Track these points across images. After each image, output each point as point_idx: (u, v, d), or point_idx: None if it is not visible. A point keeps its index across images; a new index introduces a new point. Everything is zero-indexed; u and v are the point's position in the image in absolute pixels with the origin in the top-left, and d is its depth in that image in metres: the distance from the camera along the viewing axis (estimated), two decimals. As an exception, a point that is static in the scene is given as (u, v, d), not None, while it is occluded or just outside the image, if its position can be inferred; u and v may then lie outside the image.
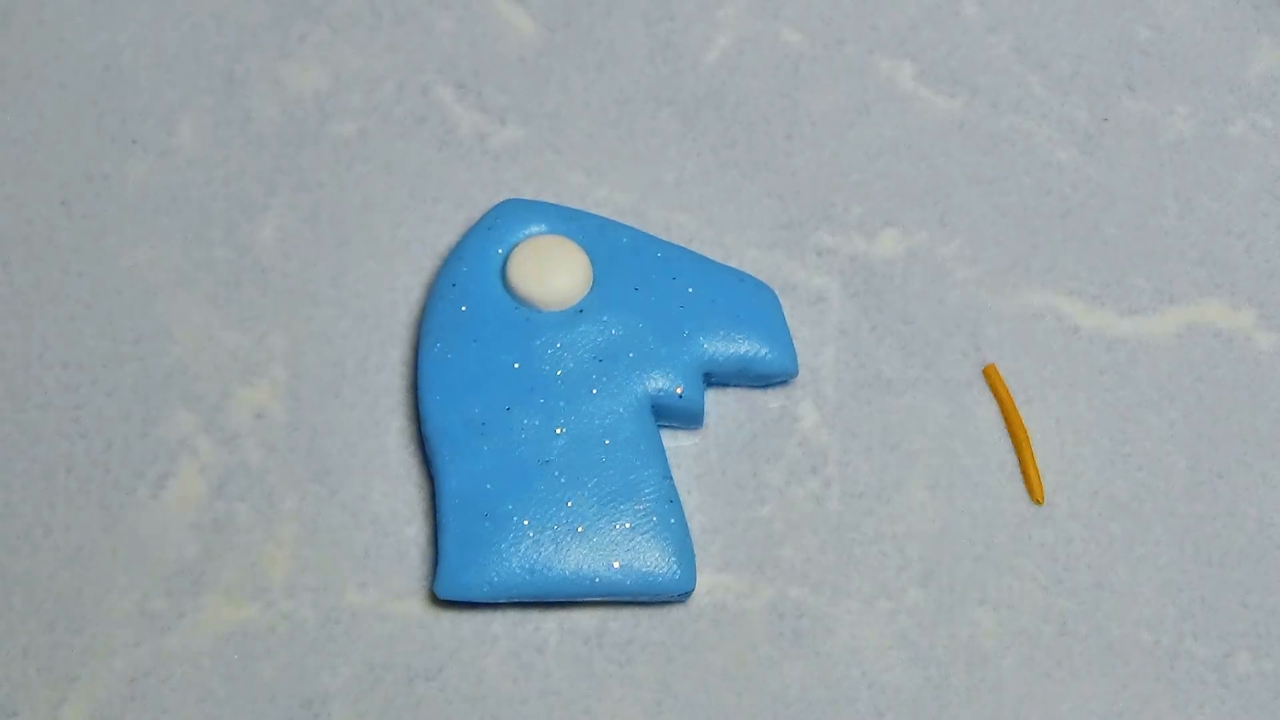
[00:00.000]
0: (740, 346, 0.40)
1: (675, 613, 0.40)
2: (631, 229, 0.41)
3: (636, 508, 0.39)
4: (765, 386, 0.41)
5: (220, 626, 0.40)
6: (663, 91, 0.44)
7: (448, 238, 0.42)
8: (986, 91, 0.44)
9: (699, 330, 0.40)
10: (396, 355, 0.42)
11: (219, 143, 0.43)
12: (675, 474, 0.40)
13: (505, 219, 0.41)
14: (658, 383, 0.40)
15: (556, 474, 0.39)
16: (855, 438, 0.41)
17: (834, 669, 0.39)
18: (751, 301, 0.41)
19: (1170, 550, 0.40)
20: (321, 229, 0.43)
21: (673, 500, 0.39)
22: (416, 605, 0.40)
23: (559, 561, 0.38)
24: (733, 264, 0.42)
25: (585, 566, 0.38)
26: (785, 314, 0.41)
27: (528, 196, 0.42)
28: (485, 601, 0.39)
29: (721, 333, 0.40)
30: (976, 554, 0.40)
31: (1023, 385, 0.41)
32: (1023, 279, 0.42)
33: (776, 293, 0.41)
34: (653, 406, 0.40)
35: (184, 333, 0.42)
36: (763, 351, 0.40)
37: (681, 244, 0.42)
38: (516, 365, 0.39)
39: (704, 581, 0.40)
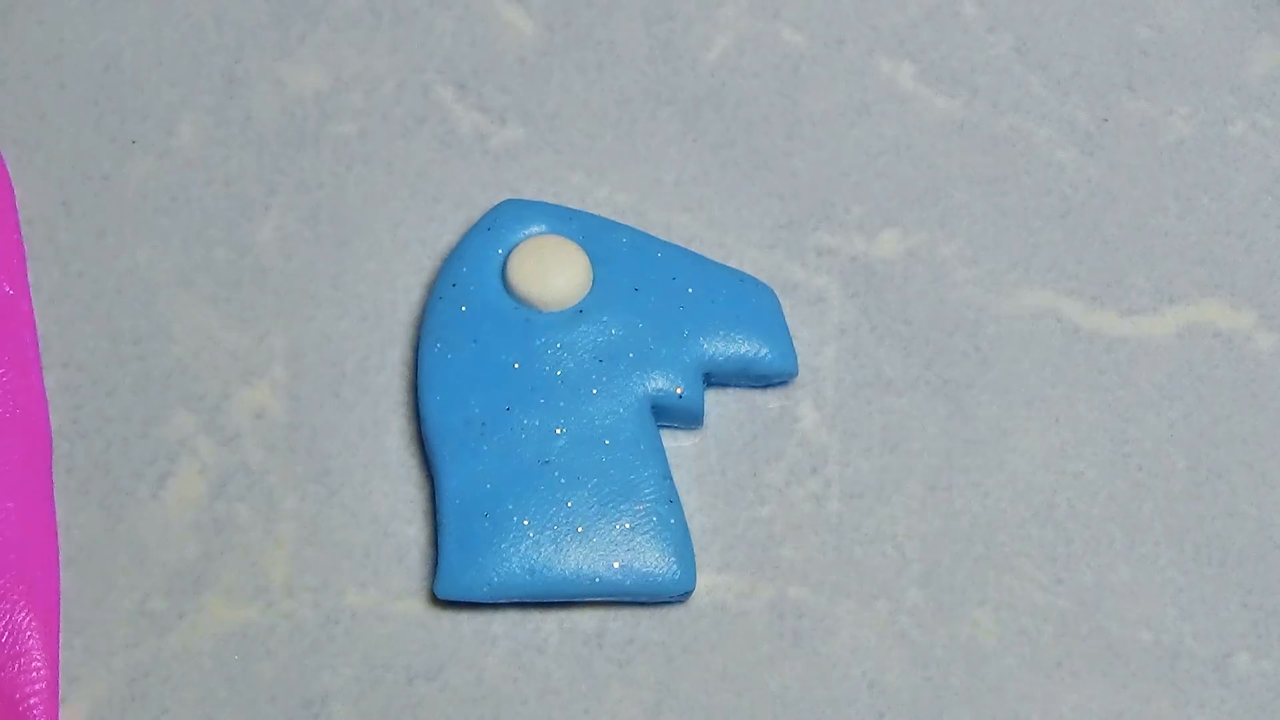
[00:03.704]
0: (740, 346, 0.40)
1: (675, 613, 0.40)
2: (631, 229, 0.41)
3: (636, 508, 0.39)
4: (765, 386, 0.41)
5: (220, 626, 0.40)
6: (663, 91, 0.44)
7: (448, 238, 0.42)
8: (986, 91, 0.44)
9: (699, 330, 0.40)
10: (396, 355, 0.41)
11: (219, 143, 0.43)
12: (675, 474, 0.40)
13: (505, 219, 0.41)
14: (658, 383, 0.40)
15: (556, 474, 0.39)
16: (855, 438, 0.41)
17: (834, 669, 0.39)
18: (751, 301, 0.41)
19: (1170, 550, 0.40)
20: (321, 229, 0.43)
21: (672, 500, 0.39)
22: (416, 605, 0.40)
23: (559, 561, 0.38)
24: (733, 264, 0.42)
25: (585, 566, 0.38)
26: (785, 314, 0.41)
27: (528, 196, 0.42)
28: (485, 601, 0.39)
29: (721, 333, 0.40)
30: (976, 554, 0.40)
31: (1023, 385, 0.41)
32: (1023, 279, 0.42)
33: (776, 293, 0.41)
34: (653, 407, 0.40)
35: (184, 333, 0.42)
36: (763, 351, 0.40)
37: (681, 244, 0.42)
38: (516, 365, 0.39)
39: (704, 581, 0.40)
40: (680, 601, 0.40)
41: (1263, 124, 0.44)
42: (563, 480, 0.39)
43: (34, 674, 0.38)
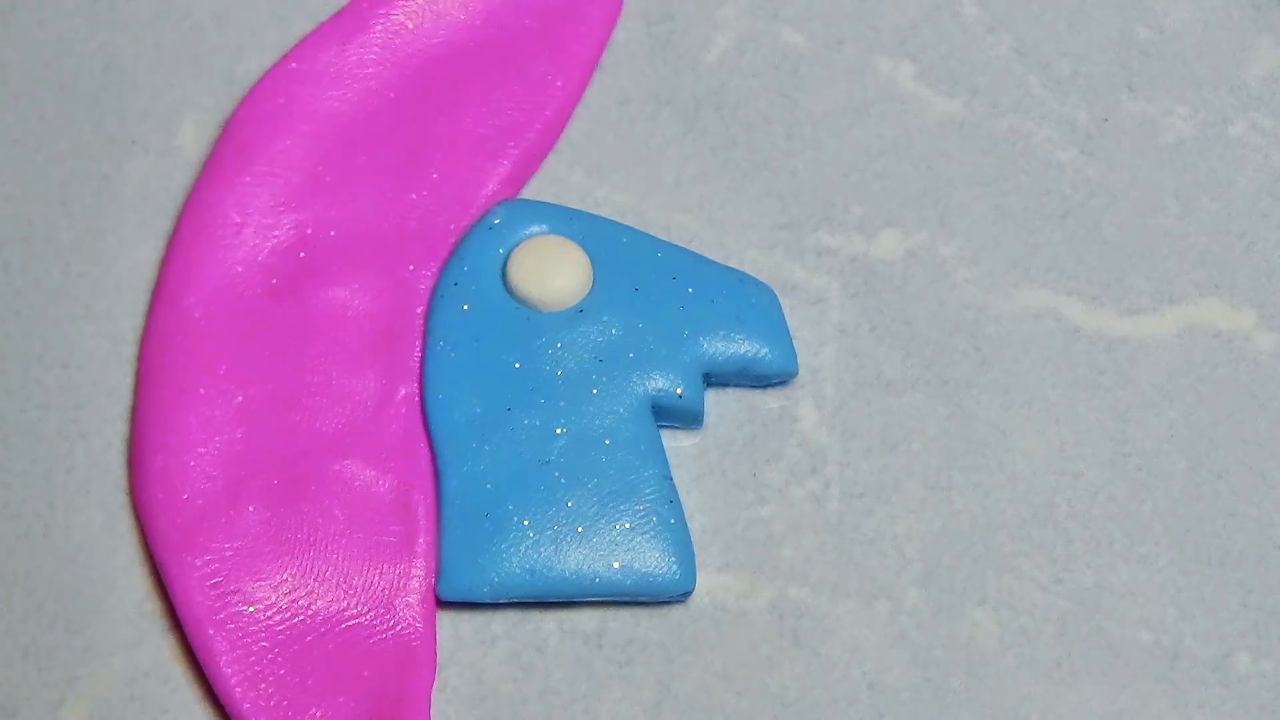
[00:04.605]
0: (740, 346, 0.40)
1: (675, 613, 0.40)
2: (631, 229, 0.41)
3: (636, 508, 0.39)
4: (765, 386, 0.41)
5: (220, 626, 0.40)
6: (663, 91, 0.44)
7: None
8: (986, 91, 0.44)
9: (699, 330, 0.40)
10: (396, 355, 0.41)
11: (219, 143, 0.43)
12: (675, 474, 0.40)
13: (505, 219, 0.41)
14: (658, 383, 0.40)
15: (557, 474, 0.39)
16: (855, 438, 0.41)
17: (834, 669, 0.39)
18: (751, 301, 0.41)
19: (1170, 550, 0.40)
20: (321, 229, 0.43)
21: (672, 500, 0.39)
22: (416, 605, 0.40)
23: (559, 562, 0.38)
24: (733, 264, 0.42)
25: (585, 566, 0.38)
26: (785, 314, 0.41)
27: (528, 196, 0.42)
28: (485, 602, 0.39)
29: (721, 333, 0.40)
30: (976, 554, 0.40)
31: (1023, 385, 0.41)
32: (1023, 279, 0.42)
33: (776, 293, 0.41)
34: (653, 407, 0.40)
35: (184, 333, 0.42)
36: (763, 351, 0.40)
37: (681, 244, 0.42)
38: (517, 365, 0.39)
39: (704, 581, 0.40)
40: (680, 601, 0.40)
41: (1263, 124, 0.44)
42: (563, 480, 0.39)
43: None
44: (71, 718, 0.39)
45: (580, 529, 0.38)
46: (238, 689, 0.37)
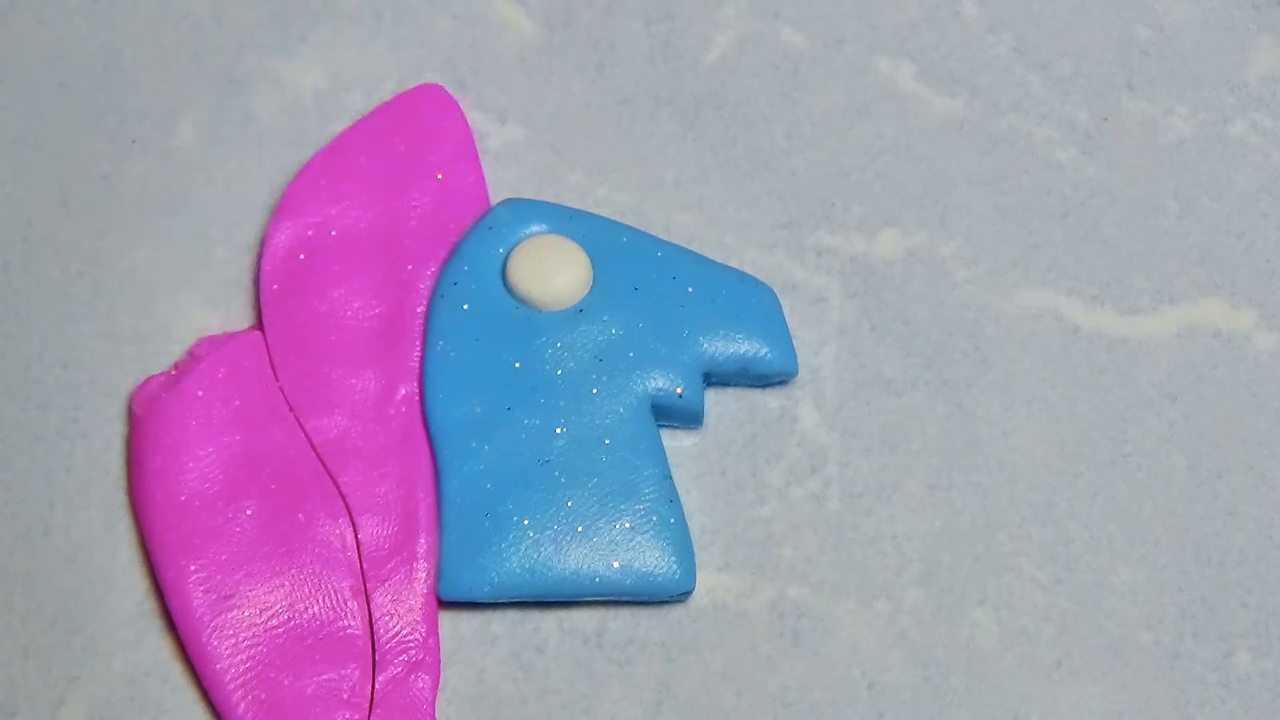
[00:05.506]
0: (740, 346, 0.40)
1: (675, 613, 0.40)
2: (631, 229, 0.41)
3: (636, 507, 0.39)
4: (765, 386, 0.41)
5: (220, 626, 0.40)
6: (663, 91, 0.44)
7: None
8: (986, 91, 0.44)
9: (699, 330, 0.40)
10: (396, 355, 0.41)
11: (219, 143, 0.43)
12: (675, 474, 0.40)
13: (505, 219, 0.41)
14: (658, 382, 0.40)
15: (557, 474, 0.39)
16: (855, 438, 0.41)
17: (834, 669, 0.39)
18: (751, 301, 0.41)
19: (1170, 550, 0.40)
20: (321, 229, 0.43)
21: (673, 500, 0.39)
22: (416, 605, 0.40)
23: (559, 561, 0.38)
24: (733, 264, 0.42)
25: (585, 566, 0.38)
26: (785, 314, 0.41)
27: (528, 196, 0.42)
28: (485, 601, 0.39)
29: (721, 333, 0.40)
30: (976, 554, 0.40)
31: (1023, 385, 0.41)
32: (1023, 279, 0.42)
33: (776, 293, 0.41)
34: (653, 406, 0.40)
35: (184, 333, 0.42)
36: (763, 351, 0.40)
37: (681, 244, 0.42)
38: (517, 365, 0.39)
39: (704, 581, 0.40)
40: (680, 601, 0.40)
41: (1263, 124, 0.44)
42: (563, 480, 0.39)
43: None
44: (71, 718, 0.39)
45: (580, 529, 0.38)
46: (234, 694, 0.37)
